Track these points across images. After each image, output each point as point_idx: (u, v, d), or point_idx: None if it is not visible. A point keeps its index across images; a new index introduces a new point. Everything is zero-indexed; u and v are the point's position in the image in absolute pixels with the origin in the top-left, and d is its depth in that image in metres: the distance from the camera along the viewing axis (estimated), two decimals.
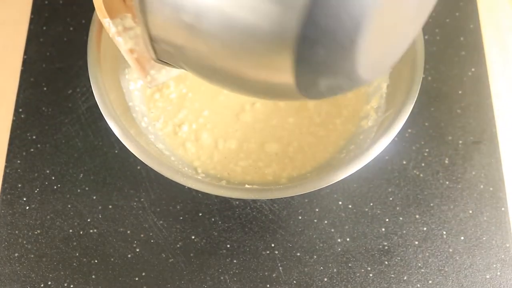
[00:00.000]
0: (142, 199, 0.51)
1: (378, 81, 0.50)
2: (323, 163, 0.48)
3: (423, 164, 0.52)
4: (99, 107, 0.42)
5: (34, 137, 0.53)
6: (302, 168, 0.48)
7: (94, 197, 0.51)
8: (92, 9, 0.45)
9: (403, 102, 0.43)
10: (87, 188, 0.51)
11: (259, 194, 0.43)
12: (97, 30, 0.44)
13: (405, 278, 0.49)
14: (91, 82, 0.43)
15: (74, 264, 0.49)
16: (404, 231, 0.50)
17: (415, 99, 0.43)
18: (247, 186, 0.46)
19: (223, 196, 0.42)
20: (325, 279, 0.49)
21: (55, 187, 0.51)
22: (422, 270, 0.49)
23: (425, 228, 0.50)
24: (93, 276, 0.48)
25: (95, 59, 0.44)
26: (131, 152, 0.42)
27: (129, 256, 0.49)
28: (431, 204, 0.51)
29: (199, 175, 0.47)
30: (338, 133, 0.49)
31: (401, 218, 0.51)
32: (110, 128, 0.42)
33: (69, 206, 0.51)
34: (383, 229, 0.50)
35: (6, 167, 0.52)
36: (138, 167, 0.52)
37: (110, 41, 0.46)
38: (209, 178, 0.47)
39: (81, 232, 0.50)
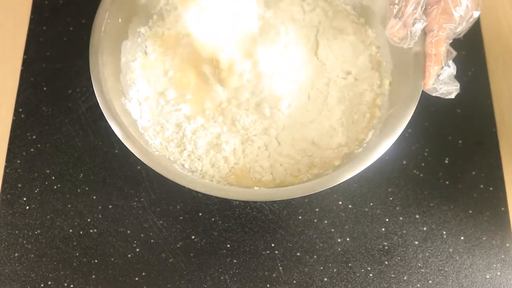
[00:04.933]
0: (142, 199, 0.51)
1: (381, 79, 0.49)
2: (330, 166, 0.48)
3: (423, 164, 0.52)
4: (100, 106, 0.42)
5: (34, 137, 0.53)
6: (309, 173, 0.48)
7: (94, 197, 0.51)
8: (92, 9, 0.45)
9: (407, 101, 0.43)
10: (87, 188, 0.51)
11: (262, 196, 0.43)
12: (98, 33, 0.44)
13: (405, 278, 0.49)
14: (92, 83, 0.43)
15: (74, 264, 0.49)
16: (404, 231, 0.50)
17: (419, 98, 0.42)
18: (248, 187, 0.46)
19: (224, 197, 0.42)
20: (325, 279, 0.49)
21: (55, 187, 0.51)
22: (422, 270, 0.49)
23: (425, 228, 0.50)
24: (93, 276, 0.48)
25: (97, 58, 0.44)
26: (131, 152, 0.42)
27: (129, 256, 0.49)
28: (431, 204, 0.51)
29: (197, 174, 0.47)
30: (358, 142, 0.48)
31: (401, 218, 0.51)
32: (110, 128, 0.42)
33: (69, 206, 0.51)
34: (383, 229, 0.50)
35: (6, 167, 0.52)
36: (138, 167, 0.52)
37: (110, 41, 0.46)
38: (208, 179, 0.47)
39: (81, 232, 0.50)
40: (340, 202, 0.51)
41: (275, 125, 0.48)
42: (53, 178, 0.52)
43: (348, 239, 0.50)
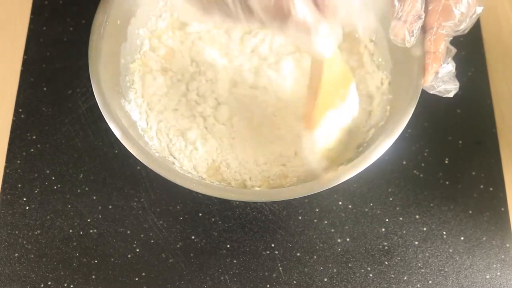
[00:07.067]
0: (142, 199, 0.51)
1: (380, 78, 0.49)
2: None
3: (423, 164, 0.52)
4: (100, 108, 0.42)
5: (34, 137, 0.53)
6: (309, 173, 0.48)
7: (94, 197, 0.51)
8: (92, 9, 0.45)
9: (407, 100, 0.42)
10: (87, 188, 0.51)
11: (262, 196, 0.43)
12: (97, 35, 0.44)
13: (405, 278, 0.49)
14: (92, 85, 0.43)
15: (74, 264, 0.49)
16: (404, 231, 0.50)
17: (419, 97, 0.42)
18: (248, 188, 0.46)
19: (224, 198, 0.42)
20: (325, 279, 0.49)
21: (55, 187, 0.51)
22: (422, 270, 0.49)
23: (425, 228, 0.50)
24: (93, 276, 0.48)
25: (96, 61, 0.44)
26: (131, 153, 0.42)
27: (129, 256, 0.49)
28: (431, 204, 0.51)
29: (198, 175, 0.47)
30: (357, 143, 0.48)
31: (401, 218, 0.51)
32: (110, 129, 0.42)
33: (69, 206, 0.51)
34: (383, 229, 0.50)
35: (6, 167, 0.52)
36: (138, 168, 0.52)
37: (109, 43, 0.46)
38: (208, 180, 0.47)
39: (81, 232, 0.50)
40: (340, 202, 0.51)
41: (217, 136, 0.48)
42: (53, 178, 0.52)
43: (348, 240, 0.50)
